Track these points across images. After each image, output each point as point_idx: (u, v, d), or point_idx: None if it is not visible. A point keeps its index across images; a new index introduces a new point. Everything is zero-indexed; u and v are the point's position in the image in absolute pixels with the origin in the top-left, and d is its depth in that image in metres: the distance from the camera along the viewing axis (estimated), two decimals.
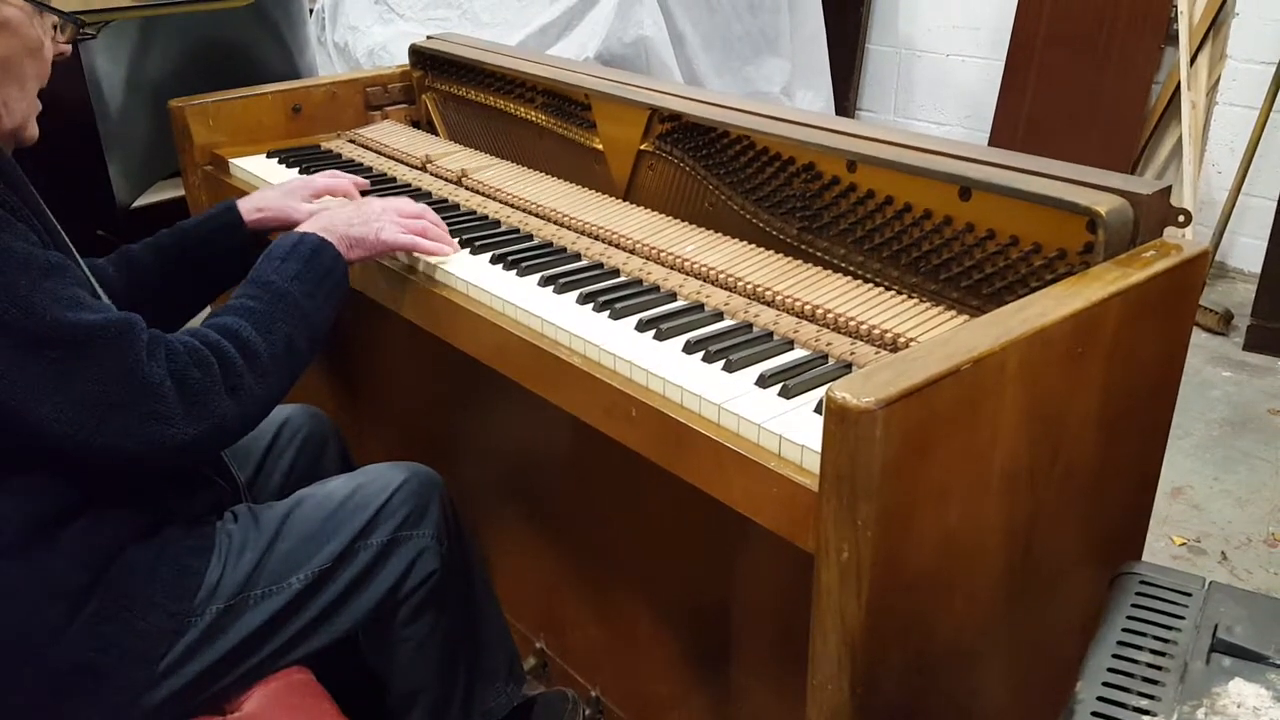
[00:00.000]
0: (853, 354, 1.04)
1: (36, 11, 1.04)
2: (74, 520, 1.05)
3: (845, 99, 4.31)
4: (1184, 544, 2.16)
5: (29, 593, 1.04)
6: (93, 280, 1.12)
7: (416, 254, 1.31)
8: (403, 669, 1.29)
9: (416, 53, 1.92)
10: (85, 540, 1.06)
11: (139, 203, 2.31)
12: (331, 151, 1.79)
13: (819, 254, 1.27)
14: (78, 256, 1.13)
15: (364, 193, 1.53)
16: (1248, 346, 3.00)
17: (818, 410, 0.93)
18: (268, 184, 1.65)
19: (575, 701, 1.55)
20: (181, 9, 2.08)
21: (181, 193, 1.85)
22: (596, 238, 1.37)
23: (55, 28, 1.08)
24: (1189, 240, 1.05)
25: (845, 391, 0.77)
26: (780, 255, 1.26)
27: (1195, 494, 2.33)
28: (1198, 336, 3.05)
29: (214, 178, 1.76)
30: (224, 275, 1.42)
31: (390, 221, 1.27)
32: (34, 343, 0.95)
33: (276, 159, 1.74)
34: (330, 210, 1.32)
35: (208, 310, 1.59)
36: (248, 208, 1.39)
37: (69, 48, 1.12)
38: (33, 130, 1.09)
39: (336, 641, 1.21)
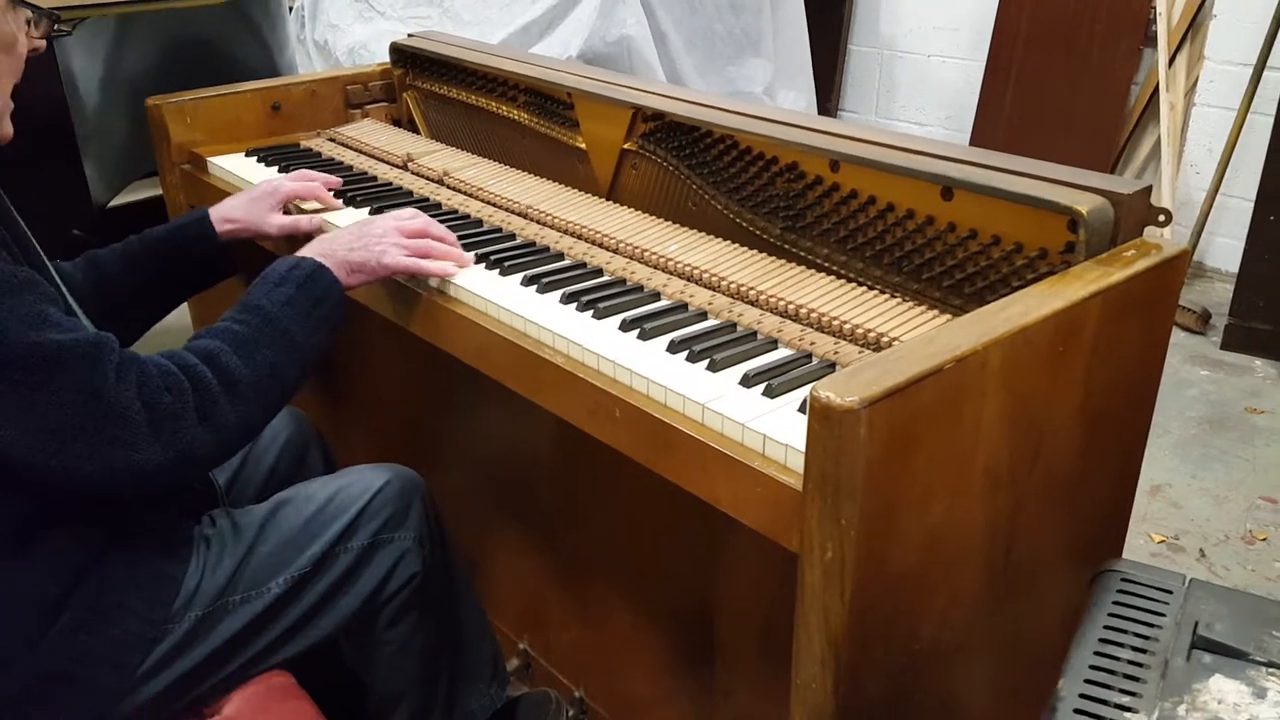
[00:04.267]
0: (836, 353, 1.04)
1: (10, 6, 1.02)
2: (47, 530, 1.03)
3: (827, 99, 4.32)
4: (1163, 541, 2.18)
5: (3, 603, 1.02)
6: (65, 292, 1.10)
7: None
8: (385, 671, 1.28)
9: (397, 51, 1.91)
10: (59, 550, 1.04)
11: (115, 202, 2.28)
12: (311, 150, 1.78)
13: (802, 254, 1.27)
14: (50, 268, 1.10)
15: (340, 193, 1.52)
16: (1225, 345, 3.03)
17: (801, 410, 0.93)
18: (247, 182, 1.63)
19: (559, 702, 1.54)
20: (159, 6, 2.06)
21: (159, 192, 1.83)
22: (580, 237, 1.37)
23: (29, 23, 1.06)
24: (1169, 240, 1.06)
25: (829, 391, 0.77)
26: (764, 255, 1.26)
27: (1173, 492, 2.35)
28: (1176, 335, 3.07)
29: (192, 176, 1.74)
30: (192, 284, 1.43)
31: (392, 244, 1.23)
32: None
33: (255, 157, 1.73)
34: (333, 233, 1.28)
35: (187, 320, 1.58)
36: (217, 217, 1.39)
37: (43, 43, 1.10)
38: (6, 128, 1.06)
39: (318, 645, 1.20)
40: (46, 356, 0.93)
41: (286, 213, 1.45)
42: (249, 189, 1.44)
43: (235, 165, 1.69)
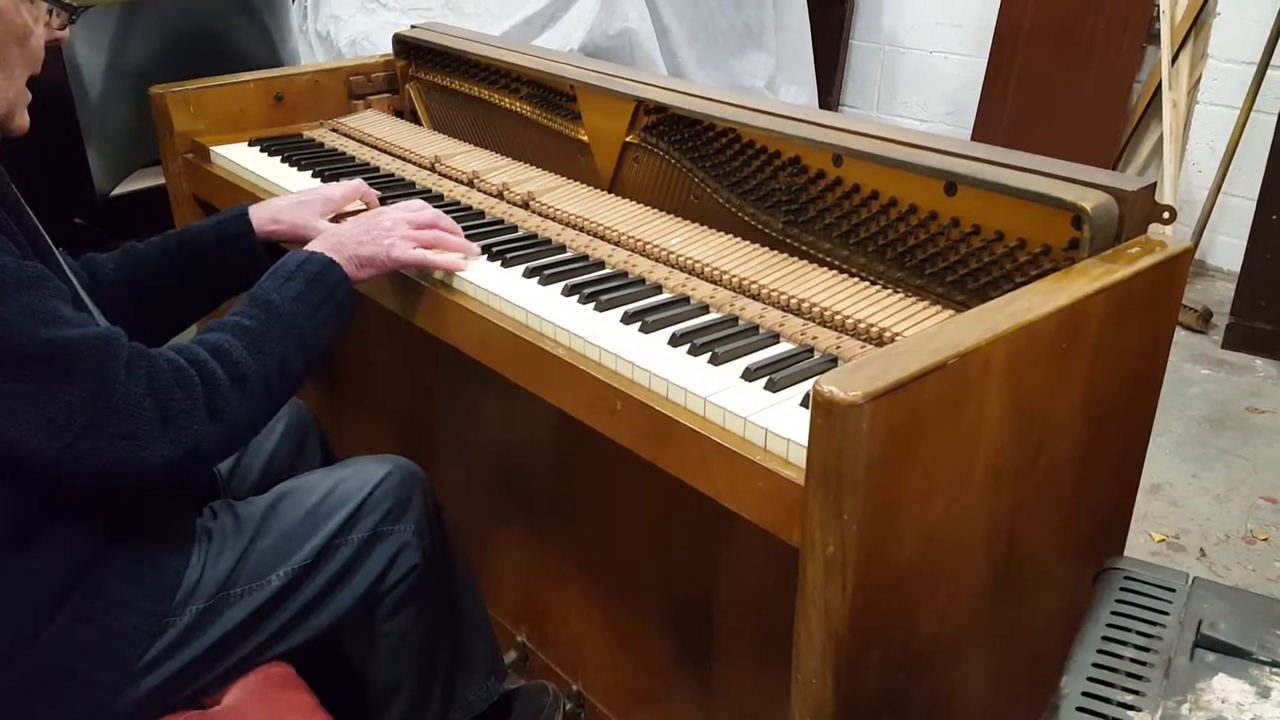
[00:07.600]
0: (839, 348, 1.04)
1: None
2: (49, 524, 1.03)
3: (829, 94, 4.31)
4: (1163, 540, 2.18)
5: (4, 597, 1.01)
6: (76, 285, 1.09)
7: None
8: (383, 662, 1.28)
9: (400, 42, 1.90)
10: (61, 544, 1.03)
11: (118, 190, 2.28)
12: (314, 140, 1.78)
13: (805, 248, 1.27)
14: (60, 261, 1.09)
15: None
16: (1226, 344, 3.02)
17: (803, 404, 0.92)
18: (251, 172, 1.63)
19: (556, 695, 1.54)
20: None
21: (161, 181, 1.82)
22: (582, 230, 1.37)
23: (49, 13, 1.06)
24: (1172, 237, 1.05)
25: (832, 385, 0.76)
26: (766, 249, 1.26)
27: (1174, 491, 2.35)
28: (1177, 334, 3.03)
29: (195, 166, 1.74)
30: (229, 285, 1.36)
31: (400, 237, 1.22)
32: (6, 361, 0.92)
33: (258, 147, 1.72)
34: (341, 226, 1.27)
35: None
36: (261, 218, 1.34)
37: (64, 33, 1.10)
38: (22, 120, 1.05)
39: (318, 636, 1.20)
40: (58, 353, 0.93)
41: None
42: (298, 192, 1.39)
43: (238, 155, 1.69)
